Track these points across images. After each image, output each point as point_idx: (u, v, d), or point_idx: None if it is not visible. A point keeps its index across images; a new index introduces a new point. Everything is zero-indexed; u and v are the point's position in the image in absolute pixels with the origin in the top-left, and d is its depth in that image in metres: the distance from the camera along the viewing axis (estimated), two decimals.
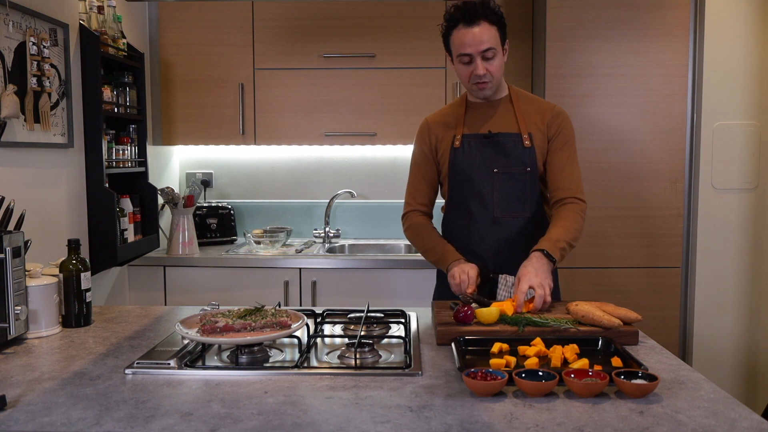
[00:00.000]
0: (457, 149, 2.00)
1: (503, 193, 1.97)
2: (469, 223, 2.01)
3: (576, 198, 1.97)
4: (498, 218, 1.99)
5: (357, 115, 3.23)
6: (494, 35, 1.89)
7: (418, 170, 2.09)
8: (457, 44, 1.91)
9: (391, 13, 3.15)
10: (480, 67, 1.90)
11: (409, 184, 2.12)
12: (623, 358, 1.39)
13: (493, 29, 1.89)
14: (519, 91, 2.07)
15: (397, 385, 1.30)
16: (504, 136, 1.98)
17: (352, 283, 2.97)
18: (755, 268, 3.04)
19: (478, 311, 1.63)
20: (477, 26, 1.87)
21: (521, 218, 1.99)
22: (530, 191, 1.98)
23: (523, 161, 1.97)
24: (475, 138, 2.00)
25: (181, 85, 3.23)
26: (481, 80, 1.92)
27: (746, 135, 2.99)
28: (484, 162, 1.98)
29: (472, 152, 1.99)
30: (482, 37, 1.87)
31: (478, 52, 1.88)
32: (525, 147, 1.97)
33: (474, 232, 2.00)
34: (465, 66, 1.93)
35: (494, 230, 1.99)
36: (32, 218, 2.11)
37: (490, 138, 1.98)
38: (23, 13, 2.15)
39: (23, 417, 1.15)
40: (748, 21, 2.94)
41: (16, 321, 1.52)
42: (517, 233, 1.99)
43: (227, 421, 1.12)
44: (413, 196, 2.10)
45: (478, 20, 1.87)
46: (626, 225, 2.97)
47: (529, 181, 1.98)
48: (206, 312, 1.56)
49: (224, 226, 3.40)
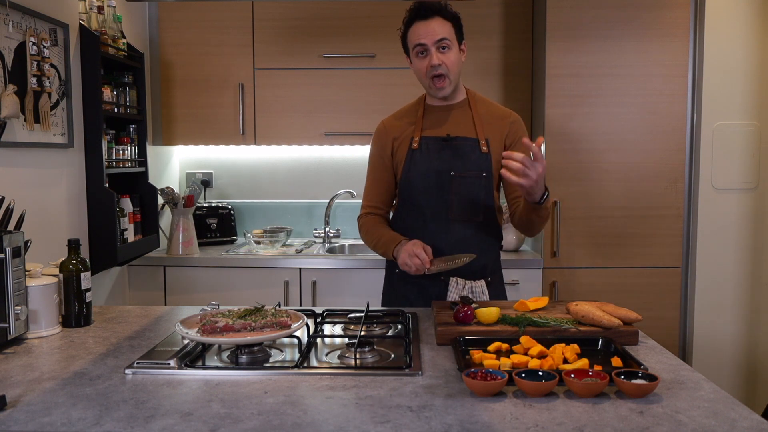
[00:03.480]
0: (415, 150, 2.00)
1: (459, 196, 1.98)
2: (422, 224, 2.00)
3: None
4: (452, 221, 1.99)
5: (357, 115, 3.23)
6: (449, 29, 1.93)
7: (375, 173, 2.09)
8: (412, 38, 1.94)
9: (391, 13, 3.15)
10: (435, 57, 1.91)
11: (366, 187, 2.12)
12: (623, 358, 1.39)
13: (447, 24, 1.93)
14: (476, 94, 2.08)
15: (397, 385, 1.29)
16: (462, 140, 1.99)
17: (352, 283, 2.97)
18: (755, 268, 3.04)
19: (478, 311, 1.63)
20: (431, 20, 1.92)
21: (474, 222, 2.00)
22: (485, 196, 1.99)
23: (479, 166, 1.98)
24: (434, 141, 2.00)
25: (181, 85, 3.24)
26: (437, 71, 1.93)
27: (746, 135, 2.99)
28: (442, 164, 1.98)
29: (430, 154, 1.99)
30: (436, 28, 1.91)
31: (432, 42, 1.91)
32: (482, 152, 1.98)
33: (427, 233, 1.98)
34: (421, 59, 1.95)
35: (448, 233, 1.99)
36: (32, 218, 2.11)
37: (449, 141, 1.99)
38: (23, 13, 2.15)
39: (23, 417, 1.15)
40: (748, 21, 2.94)
41: (16, 321, 1.52)
42: (469, 236, 2.00)
43: (227, 421, 1.12)
44: (368, 199, 2.10)
45: (432, 15, 1.92)
46: (626, 225, 2.98)
47: (485, 186, 1.98)
48: (206, 312, 1.56)
49: (224, 226, 3.40)
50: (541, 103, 3.01)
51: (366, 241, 2.08)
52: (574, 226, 2.97)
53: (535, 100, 3.14)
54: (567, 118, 2.94)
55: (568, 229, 2.97)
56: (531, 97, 3.21)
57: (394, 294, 2.09)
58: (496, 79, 3.19)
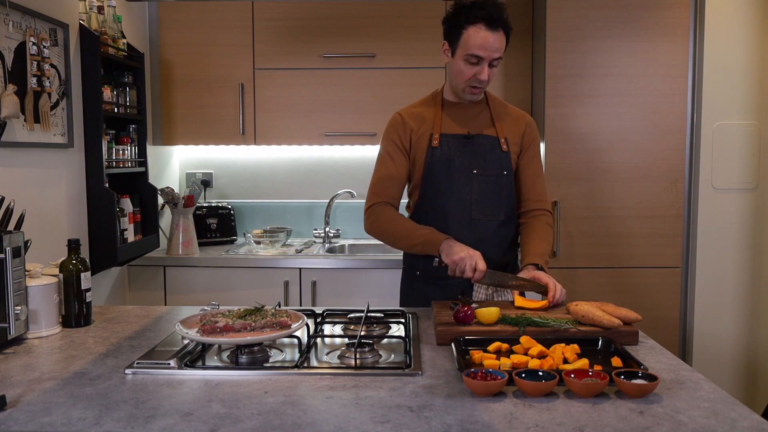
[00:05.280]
0: (435, 148, 1.97)
1: (481, 194, 1.98)
2: (444, 223, 1.97)
3: (546, 210, 2.04)
4: (474, 219, 1.98)
5: (357, 115, 3.23)
6: (505, 45, 1.89)
7: (390, 164, 2.00)
8: (471, 43, 1.85)
9: (391, 13, 3.15)
10: (485, 73, 1.89)
11: (376, 179, 2.01)
12: (623, 358, 1.39)
13: (504, 39, 1.88)
14: (491, 94, 2.08)
15: (397, 385, 1.30)
16: (484, 138, 1.99)
17: (352, 283, 2.97)
18: (755, 268, 3.04)
19: (478, 311, 1.63)
20: (497, 32, 1.84)
21: (496, 221, 2.00)
22: (506, 194, 1.99)
23: (500, 164, 1.98)
24: (455, 138, 1.98)
25: (181, 85, 3.24)
26: (480, 85, 1.92)
27: (746, 135, 2.99)
28: (464, 163, 1.97)
29: (451, 152, 1.97)
30: (498, 44, 1.85)
31: (490, 59, 1.87)
32: (502, 150, 1.98)
33: (449, 232, 1.94)
34: (470, 66, 1.89)
35: (470, 231, 1.98)
36: (32, 218, 2.11)
37: (470, 139, 1.98)
38: (23, 13, 2.15)
39: (23, 417, 1.15)
40: (748, 21, 2.94)
41: (16, 321, 1.52)
42: (491, 235, 1.99)
43: (227, 421, 1.12)
44: (381, 189, 1.99)
45: (499, 27, 1.84)
46: (626, 225, 2.97)
47: (506, 184, 1.99)
48: (206, 312, 1.56)
49: (224, 226, 3.40)
50: (541, 103, 3.01)
51: (385, 232, 1.97)
52: (574, 226, 2.97)
53: (535, 100, 3.14)
54: (567, 118, 2.94)
55: (568, 229, 2.97)
56: (531, 97, 3.21)
57: (414, 294, 2.07)
58: (497, 79, 3.19)
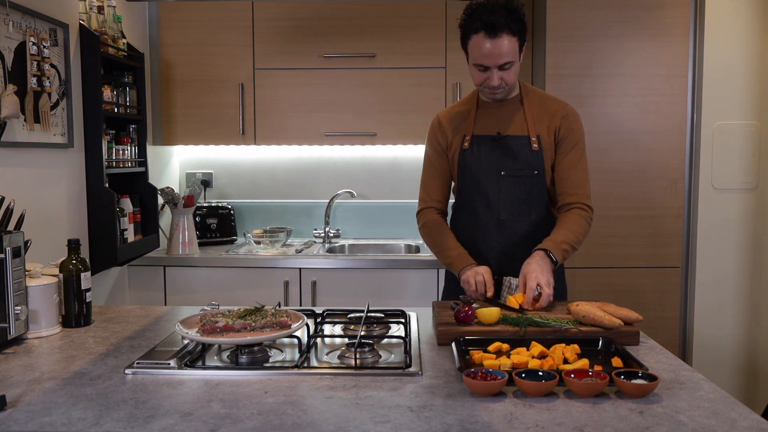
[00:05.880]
0: (466, 150, 2.00)
1: (509, 195, 1.97)
2: (474, 223, 2.02)
3: (583, 204, 1.96)
4: (503, 221, 1.99)
5: (357, 115, 3.22)
6: (514, 47, 1.82)
7: (432, 166, 2.10)
8: (475, 53, 1.85)
9: (391, 13, 3.15)
10: (495, 79, 1.86)
11: (424, 180, 2.12)
12: (623, 358, 1.39)
13: (513, 40, 1.81)
14: (529, 88, 2.03)
15: (397, 385, 1.29)
16: (512, 138, 1.97)
17: (352, 283, 2.97)
18: (755, 268, 3.04)
19: (479, 311, 1.63)
20: (498, 38, 1.79)
21: (527, 221, 1.99)
22: (537, 194, 1.97)
23: (530, 164, 1.96)
24: (484, 140, 1.99)
25: (181, 85, 3.23)
26: (494, 89, 1.91)
27: (746, 135, 2.99)
28: (492, 164, 1.98)
29: (480, 154, 1.99)
30: (502, 50, 1.81)
31: (496, 65, 1.84)
32: (533, 150, 1.96)
33: (479, 233, 2.01)
34: (479, 72, 1.89)
35: (499, 232, 1.99)
36: (32, 218, 2.11)
37: (499, 140, 1.98)
38: (23, 13, 2.15)
39: (23, 417, 1.15)
40: (748, 21, 2.94)
41: (16, 321, 1.52)
42: (522, 236, 1.98)
43: (227, 421, 1.12)
44: (428, 192, 2.10)
45: (499, 32, 1.78)
46: (626, 225, 2.97)
47: (536, 184, 1.97)
48: (206, 312, 1.56)
49: (224, 226, 3.40)
50: None
51: (427, 243, 2.10)
52: None
53: None
54: None
55: None
56: None
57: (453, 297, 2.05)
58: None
